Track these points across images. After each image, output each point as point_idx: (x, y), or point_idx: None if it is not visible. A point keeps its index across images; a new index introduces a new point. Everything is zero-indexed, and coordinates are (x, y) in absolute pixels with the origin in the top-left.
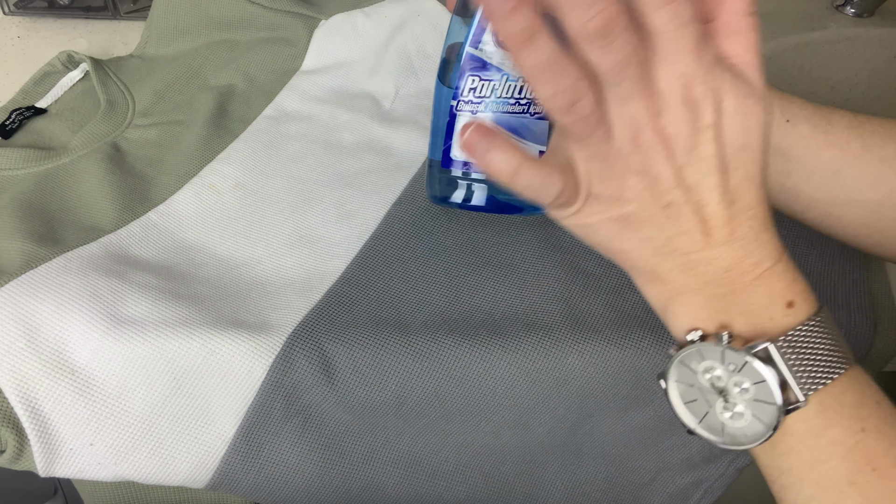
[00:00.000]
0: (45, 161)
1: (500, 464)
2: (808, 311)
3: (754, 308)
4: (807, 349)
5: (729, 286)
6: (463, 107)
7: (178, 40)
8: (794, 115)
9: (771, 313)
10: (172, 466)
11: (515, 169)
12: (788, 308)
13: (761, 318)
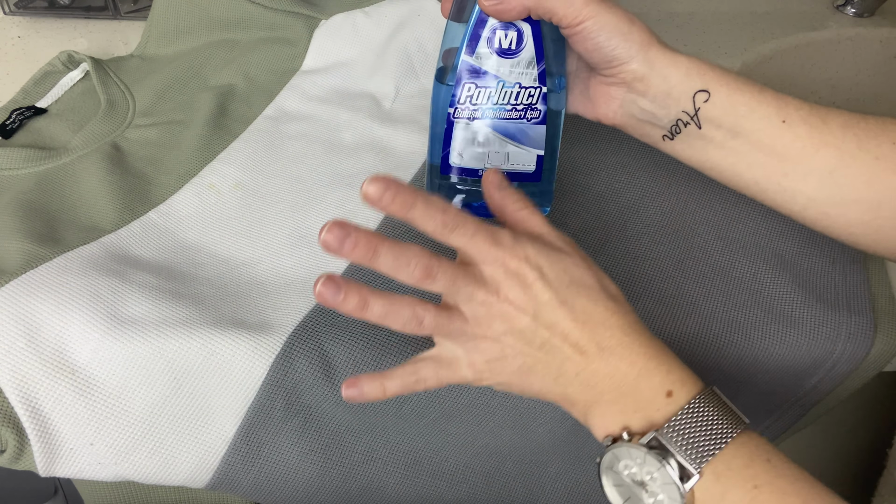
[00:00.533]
0: (46, 161)
1: (501, 464)
2: (686, 395)
3: (643, 404)
4: (691, 429)
5: (619, 391)
6: (460, 114)
7: (178, 40)
8: (789, 115)
9: (656, 405)
10: (173, 466)
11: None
12: (668, 397)
13: (649, 410)
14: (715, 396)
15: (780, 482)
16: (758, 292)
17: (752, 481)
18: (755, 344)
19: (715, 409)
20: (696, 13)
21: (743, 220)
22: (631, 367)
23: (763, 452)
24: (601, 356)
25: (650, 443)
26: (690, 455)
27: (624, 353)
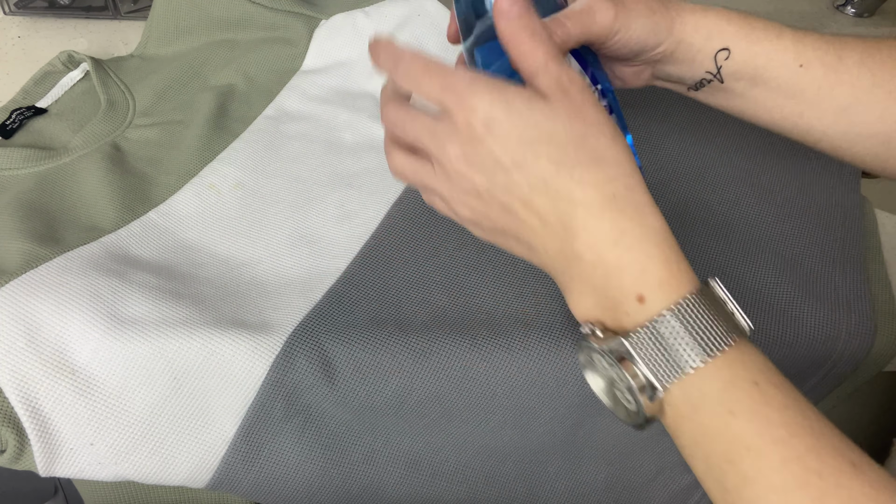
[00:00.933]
0: (46, 161)
1: (501, 464)
2: (661, 303)
3: (612, 303)
4: (661, 342)
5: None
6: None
7: (178, 40)
8: (807, 59)
9: (626, 308)
10: (173, 466)
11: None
12: (639, 303)
13: (619, 313)
14: (699, 303)
15: (765, 410)
16: (758, 292)
17: (727, 406)
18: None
19: (694, 323)
20: None
21: (743, 221)
22: (597, 258)
23: (751, 374)
24: (565, 237)
25: (616, 348)
26: (657, 369)
27: (589, 240)
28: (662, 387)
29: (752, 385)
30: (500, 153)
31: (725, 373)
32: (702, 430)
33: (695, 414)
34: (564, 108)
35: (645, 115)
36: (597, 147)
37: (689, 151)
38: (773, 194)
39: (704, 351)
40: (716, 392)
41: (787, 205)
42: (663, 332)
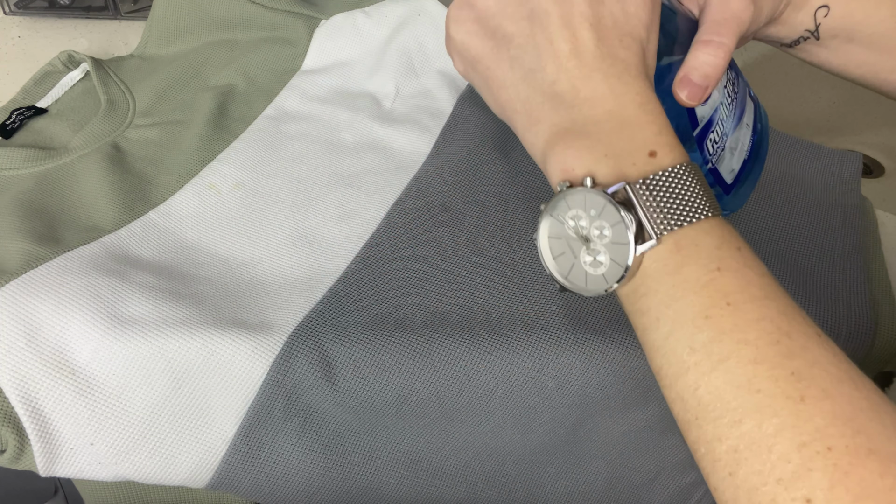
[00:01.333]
0: (46, 161)
1: (501, 464)
2: (671, 161)
3: (617, 152)
4: (664, 194)
5: (596, 126)
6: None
7: (178, 40)
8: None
9: (633, 159)
10: (173, 466)
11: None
12: (651, 157)
13: (624, 163)
14: (696, 173)
15: (746, 272)
16: None
17: (716, 262)
18: None
19: (696, 185)
20: None
21: (743, 221)
22: (619, 110)
23: (735, 241)
24: (589, 79)
25: (616, 194)
26: (657, 217)
27: (617, 91)
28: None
29: (737, 249)
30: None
31: (717, 231)
32: (685, 284)
33: (682, 267)
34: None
35: None
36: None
37: None
38: (772, 194)
39: (701, 208)
40: (710, 247)
41: (787, 204)
42: (668, 185)
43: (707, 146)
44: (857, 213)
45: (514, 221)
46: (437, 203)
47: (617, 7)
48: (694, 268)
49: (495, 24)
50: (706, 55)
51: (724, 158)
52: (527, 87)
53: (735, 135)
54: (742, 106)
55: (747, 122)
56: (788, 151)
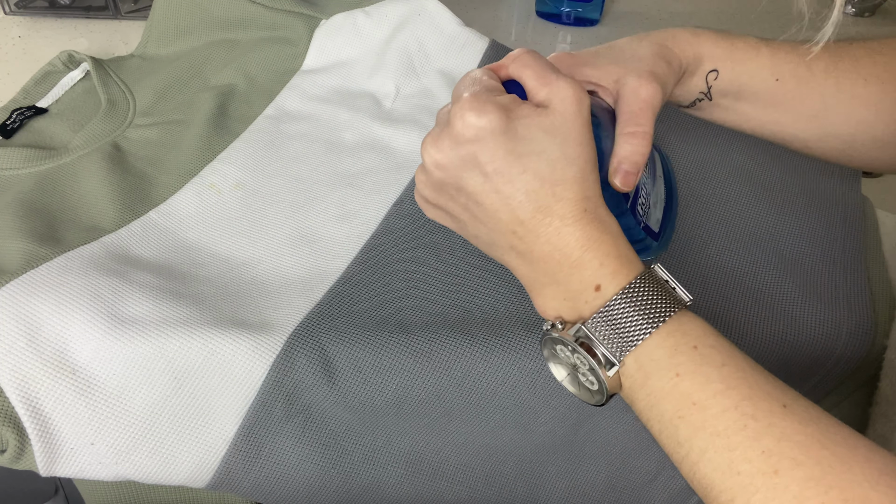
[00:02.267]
0: (46, 161)
1: (501, 463)
2: (614, 289)
3: (573, 294)
4: (615, 322)
5: (552, 277)
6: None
7: (178, 40)
8: (781, 73)
9: (585, 297)
10: (173, 466)
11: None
12: (597, 291)
13: (579, 302)
14: (644, 284)
15: (705, 369)
16: (758, 292)
17: (674, 370)
18: (755, 344)
19: (641, 300)
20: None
21: (744, 221)
22: (564, 258)
23: (691, 340)
24: (536, 240)
25: (577, 334)
26: (612, 347)
27: (559, 244)
28: (618, 360)
29: (692, 349)
30: (485, 160)
31: (670, 340)
32: (655, 393)
33: (647, 380)
34: (568, 123)
35: None
36: (583, 168)
37: (690, 151)
38: (773, 193)
39: (650, 322)
40: (663, 358)
41: (788, 204)
42: (615, 313)
43: (638, 211)
44: (857, 213)
45: None
46: None
47: (541, 163)
48: (656, 379)
49: (448, 212)
50: (632, 146)
51: (652, 214)
52: (496, 253)
53: (655, 189)
54: (653, 162)
55: (659, 174)
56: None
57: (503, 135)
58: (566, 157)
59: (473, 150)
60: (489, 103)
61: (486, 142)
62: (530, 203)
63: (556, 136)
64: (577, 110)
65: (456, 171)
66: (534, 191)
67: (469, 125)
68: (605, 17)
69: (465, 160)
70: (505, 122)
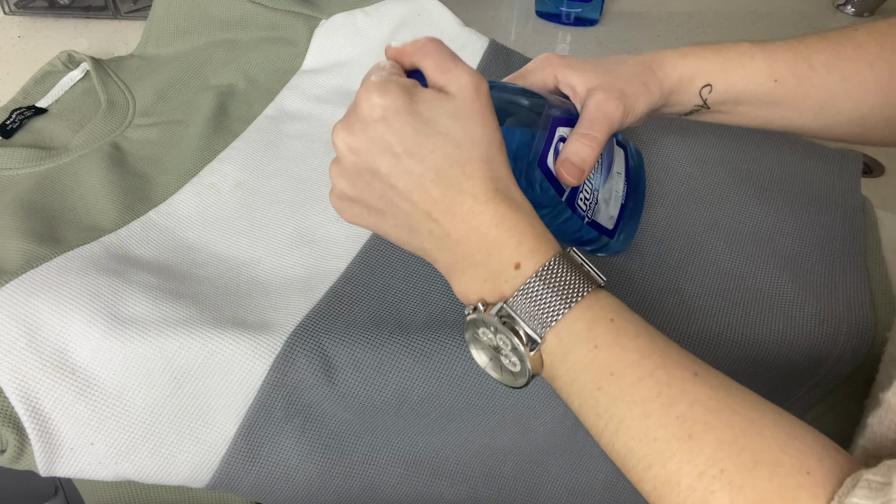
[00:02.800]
0: (46, 161)
1: (501, 463)
2: (534, 266)
3: (493, 275)
4: (535, 299)
5: (471, 259)
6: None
7: (178, 40)
8: (780, 74)
9: (505, 276)
10: (173, 466)
11: None
12: (516, 269)
13: (499, 281)
14: (562, 263)
15: (621, 340)
16: (758, 292)
17: (592, 342)
18: (755, 344)
19: (559, 278)
20: (696, 13)
21: (743, 220)
22: (482, 238)
23: (608, 313)
24: (451, 221)
25: (499, 313)
26: (533, 324)
27: (474, 223)
28: (540, 337)
29: (609, 322)
30: (393, 141)
31: (588, 314)
32: (575, 367)
33: (568, 354)
34: (468, 107)
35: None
36: (488, 149)
37: (689, 151)
38: (772, 194)
39: (569, 297)
40: (582, 331)
41: (787, 204)
42: (536, 290)
43: (579, 205)
44: (857, 212)
45: None
46: None
47: (448, 144)
48: (576, 352)
49: (366, 203)
50: (581, 145)
51: (601, 210)
52: (416, 241)
53: (607, 186)
54: (609, 160)
55: (618, 171)
56: (789, 151)
57: (408, 114)
58: (471, 138)
59: (381, 130)
60: (391, 83)
61: (393, 122)
62: (442, 181)
63: (458, 118)
64: (475, 95)
65: (368, 153)
66: (444, 169)
67: (375, 105)
68: (604, 16)
69: (374, 141)
70: (408, 101)
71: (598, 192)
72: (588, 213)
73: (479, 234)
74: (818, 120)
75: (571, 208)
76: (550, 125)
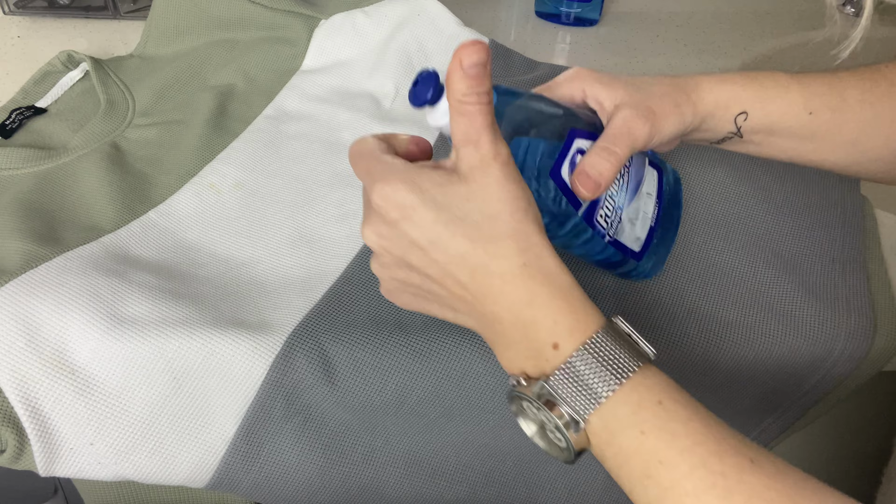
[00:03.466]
0: (46, 161)
1: (500, 463)
2: (573, 345)
3: (533, 353)
4: (576, 380)
5: (509, 338)
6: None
7: (178, 40)
8: (815, 107)
9: (545, 355)
10: (173, 466)
11: None
12: (555, 349)
13: (540, 360)
14: (603, 340)
15: (670, 425)
16: (758, 292)
17: (638, 427)
18: (755, 344)
19: (600, 357)
20: (696, 13)
21: (743, 221)
22: (515, 319)
23: (655, 395)
24: (483, 302)
25: (540, 391)
26: (575, 405)
27: (506, 304)
28: (583, 419)
29: (657, 404)
30: (416, 235)
31: (633, 396)
32: (622, 452)
33: (613, 438)
34: (481, 187)
35: None
36: (510, 222)
37: (689, 152)
38: (772, 194)
39: (613, 379)
40: (627, 415)
41: (787, 204)
42: (577, 370)
43: (599, 222)
44: (857, 213)
45: None
46: None
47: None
48: (622, 437)
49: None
50: (600, 159)
51: (625, 230)
52: (461, 320)
53: (633, 206)
54: (638, 178)
55: (647, 192)
56: None
57: (423, 207)
58: (489, 216)
59: (403, 227)
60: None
61: (411, 217)
62: (468, 265)
63: (472, 200)
64: (485, 173)
65: (398, 250)
66: (468, 253)
67: (390, 207)
68: (604, 17)
69: (400, 238)
70: (420, 195)
71: (621, 211)
72: (609, 231)
73: (512, 314)
74: (850, 155)
75: (590, 225)
76: (568, 136)
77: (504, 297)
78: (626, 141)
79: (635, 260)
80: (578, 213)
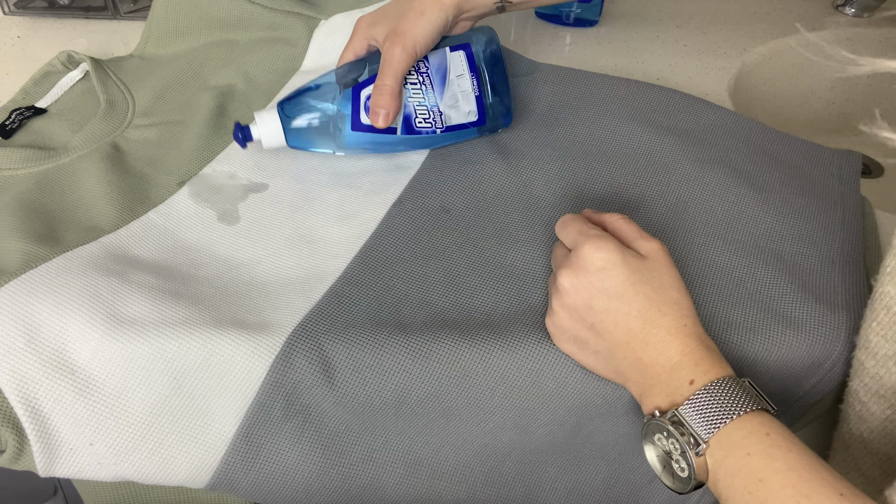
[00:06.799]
0: (45, 161)
1: (500, 464)
2: (705, 382)
3: (671, 390)
4: (703, 407)
5: (657, 378)
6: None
7: (178, 40)
8: None
9: (681, 391)
10: (172, 466)
11: None
12: (691, 385)
13: (675, 395)
14: (730, 383)
15: (771, 451)
16: (758, 293)
17: (745, 450)
18: (755, 344)
19: (725, 393)
20: (696, 13)
21: (742, 221)
22: (668, 362)
23: (766, 429)
24: (645, 349)
25: (671, 418)
26: (701, 426)
27: (664, 350)
28: (703, 441)
29: (765, 435)
30: (609, 285)
31: (746, 426)
32: (730, 471)
33: (725, 459)
34: (658, 266)
35: (644, 116)
36: (677, 294)
37: (688, 153)
38: (772, 195)
39: (733, 411)
40: (739, 439)
41: (787, 205)
42: (703, 401)
43: (422, 126)
44: (856, 213)
45: (513, 223)
46: (436, 204)
47: (649, 289)
48: (731, 458)
49: (574, 333)
50: (377, 96)
51: (451, 116)
52: (612, 364)
53: (448, 94)
54: (442, 72)
55: (457, 74)
56: (788, 151)
57: (622, 266)
58: (664, 286)
59: (602, 276)
60: (610, 241)
61: (610, 270)
62: (642, 318)
63: (653, 272)
64: (662, 255)
65: (588, 293)
66: (644, 308)
67: (598, 258)
68: (604, 17)
69: (594, 284)
70: (622, 257)
71: (437, 106)
72: (437, 126)
73: (667, 358)
74: None
75: (416, 132)
76: (352, 94)
77: (665, 346)
78: (389, 71)
79: (481, 125)
80: (398, 133)
